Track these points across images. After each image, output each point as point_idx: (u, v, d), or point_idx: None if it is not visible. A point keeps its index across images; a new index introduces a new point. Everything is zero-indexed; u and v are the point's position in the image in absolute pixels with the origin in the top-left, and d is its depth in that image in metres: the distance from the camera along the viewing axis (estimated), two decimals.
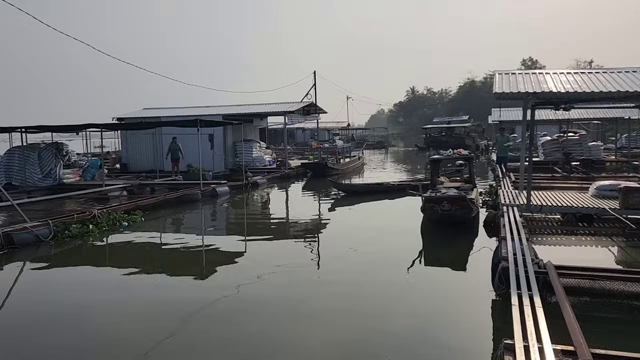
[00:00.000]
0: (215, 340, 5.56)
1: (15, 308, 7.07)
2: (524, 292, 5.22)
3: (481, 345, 5.30)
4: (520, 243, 7.15)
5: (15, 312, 6.86)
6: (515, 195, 11.78)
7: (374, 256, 9.18)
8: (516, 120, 30.64)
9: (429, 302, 6.80)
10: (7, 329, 6.24)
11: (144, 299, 7.08)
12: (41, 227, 10.15)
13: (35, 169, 17.83)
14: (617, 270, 6.43)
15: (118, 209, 12.48)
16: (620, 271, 6.42)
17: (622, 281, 5.96)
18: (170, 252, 10.21)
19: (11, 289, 7.79)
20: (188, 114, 23.94)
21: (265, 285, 7.55)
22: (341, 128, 55.15)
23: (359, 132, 72.05)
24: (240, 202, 16.95)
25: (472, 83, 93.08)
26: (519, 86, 10.48)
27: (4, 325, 6.39)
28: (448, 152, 15.54)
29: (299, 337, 5.64)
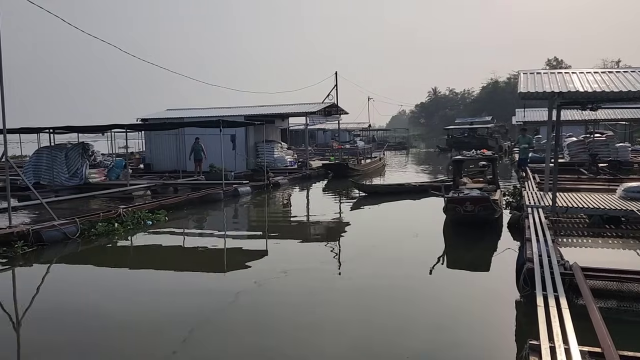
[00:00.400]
0: (235, 341, 5.60)
1: (42, 305, 7.23)
2: (550, 293, 5.14)
3: (505, 346, 5.25)
4: (546, 244, 7.06)
5: (43, 308, 7.01)
6: (540, 196, 11.61)
7: (396, 257, 9.15)
8: (541, 121, 30.20)
9: (452, 303, 6.75)
10: (36, 323, 6.40)
11: (167, 297, 7.17)
12: (69, 225, 10.37)
13: (62, 168, 18.22)
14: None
15: (142, 208, 12.68)
16: None
17: None
18: (192, 251, 10.33)
19: (40, 286, 7.99)
20: (210, 115, 24.19)
21: (286, 285, 7.59)
22: (362, 129, 55.05)
23: (380, 133, 71.83)
24: (262, 202, 17.05)
25: (496, 83, 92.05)
26: (545, 86, 10.31)
27: (32, 320, 6.56)
28: (471, 153, 15.37)
29: (320, 337, 5.65)
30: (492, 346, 5.34)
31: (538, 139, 33.22)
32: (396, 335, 5.60)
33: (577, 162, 21.36)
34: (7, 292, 7.77)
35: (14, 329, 6.29)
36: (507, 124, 50.06)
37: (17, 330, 6.24)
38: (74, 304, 7.01)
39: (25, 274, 8.65)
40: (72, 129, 19.21)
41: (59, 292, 7.71)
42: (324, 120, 31.52)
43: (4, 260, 9.00)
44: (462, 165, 14.27)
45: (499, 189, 13.18)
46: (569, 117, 27.14)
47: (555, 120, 10.56)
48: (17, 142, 31.59)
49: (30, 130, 19.54)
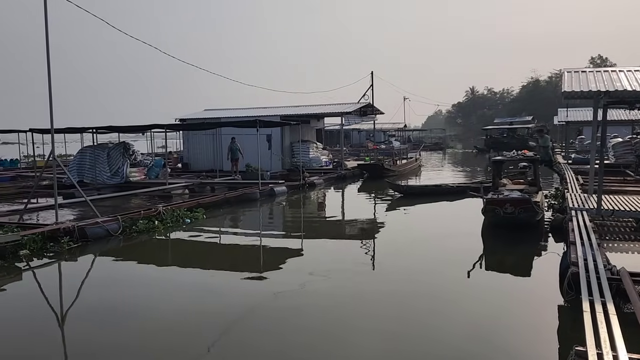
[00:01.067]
0: (269, 339, 5.63)
1: (84, 299, 7.45)
2: (596, 299, 4.97)
3: (547, 352, 5.10)
4: (591, 248, 6.83)
5: (85, 302, 7.23)
6: (584, 198, 11.26)
7: (432, 259, 9.04)
8: (584, 121, 29.27)
9: (491, 307, 6.61)
10: (78, 317, 6.61)
11: (203, 295, 7.27)
12: (111, 222, 10.66)
13: (104, 167, 18.75)
14: None
15: (181, 207, 12.92)
16: None
17: None
18: (229, 249, 10.45)
19: (83, 280, 8.24)
20: (247, 115, 24.47)
21: (321, 285, 7.59)
22: (397, 129, 54.64)
23: (416, 133, 71.12)
24: (297, 202, 17.12)
25: (536, 82, 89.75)
26: (590, 85, 9.97)
27: (75, 314, 6.77)
28: (511, 154, 15.01)
29: (354, 338, 5.61)
30: (534, 352, 5.20)
31: (581, 139, 32.24)
32: (434, 340, 5.52)
33: (622, 163, 20.63)
34: (54, 286, 8.06)
35: (59, 322, 6.51)
36: (549, 124, 48.75)
37: (62, 324, 6.45)
38: (114, 298, 7.20)
39: (70, 268, 8.94)
40: (114, 128, 19.76)
41: (101, 286, 7.93)
42: (359, 121, 31.40)
43: (50, 254, 9.33)
44: (501, 167, 13.96)
45: (541, 191, 12.83)
46: (615, 117, 26.22)
47: (602, 120, 10.20)
48: (62, 142, 32.71)
49: (75, 130, 20.22)
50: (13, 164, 29.53)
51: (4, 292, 7.62)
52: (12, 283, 8.08)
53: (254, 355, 5.20)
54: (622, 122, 28.62)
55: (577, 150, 29.40)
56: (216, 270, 8.73)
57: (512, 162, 15.13)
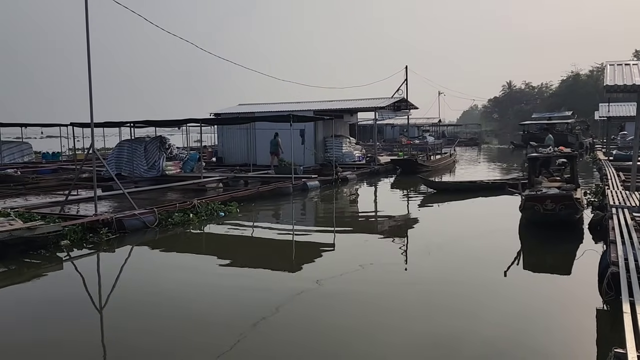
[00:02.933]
0: (299, 334, 5.67)
1: (121, 289, 7.66)
2: (637, 300, 4.82)
3: (585, 354, 4.98)
4: (632, 247, 6.62)
5: (121, 292, 7.44)
6: (626, 196, 10.91)
7: (467, 256, 8.90)
8: (627, 116, 28.26)
9: (529, 306, 6.48)
10: (115, 307, 6.81)
11: (236, 288, 7.37)
12: (148, 214, 10.91)
13: (141, 160, 19.18)
14: None
15: (215, 200, 13.12)
16: None
17: None
18: (262, 242, 10.55)
19: (120, 271, 8.48)
20: (280, 110, 24.58)
21: (352, 281, 7.59)
22: (432, 124, 53.94)
23: (450, 128, 70.05)
24: (330, 197, 17.13)
25: (577, 76, 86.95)
26: (634, 78, 9.61)
27: (112, 304, 6.98)
28: (548, 150, 14.60)
29: (383, 335, 5.59)
30: (571, 354, 5.08)
31: (623, 135, 31.14)
32: (468, 338, 5.44)
33: None
34: (93, 276, 8.33)
35: (97, 310, 6.72)
36: (589, 119, 47.28)
37: (100, 313, 6.65)
38: (150, 289, 7.39)
39: (108, 259, 9.20)
40: (151, 123, 20.16)
41: (137, 277, 8.17)
42: (392, 116, 31.12)
43: (90, 245, 9.62)
44: (538, 164, 13.57)
45: (579, 188, 12.44)
46: None
47: None
48: (102, 136, 33.63)
49: (113, 124, 20.72)
50: (55, 156, 30.52)
51: (46, 280, 7.92)
52: (54, 272, 8.39)
53: (283, 350, 5.24)
54: None
55: (618, 147, 28.37)
56: (249, 264, 8.83)
57: (548, 158, 14.68)
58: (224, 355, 5.05)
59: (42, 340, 5.61)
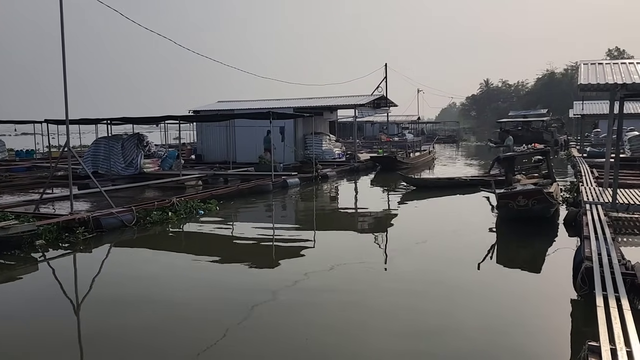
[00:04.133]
0: (281, 333, 5.66)
1: (99, 289, 7.56)
2: (610, 294, 4.94)
3: (559, 347, 5.07)
4: (605, 243, 6.78)
5: (100, 292, 7.33)
6: (599, 192, 11.15)
7: (444, 253, 9.00)
8: (600, 114, 28.86)
9: (503, 301, 6.59)
10: (92, 306, 6.72)
11: (215, 287, 7.33)
12: (125, 213, 10.77)
13: (119, 158, 18.91)
14: None
15: (195, 198, 13.01)
16: None
17: None
18: (242, 241, 10.51)
19: (98, 270, 8.35)
20: (260, 107, 24.50)
21: (331, 279, 7.62)
22: (411, 122, 54.33)
23: (429, 126, 70.62)
24: (310, 194, 17.14)
25: (552, 75, 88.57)
26: (607, 77, 9.84)
27: (90, 303, 6.88)
28: (522, 148, 14.87)
29: (362, 333, 5.62)
30: (545, 347, 5.16)
31: (597, 132, 31.82)
32: (443, 334, 5.51)
33: (638, 157, 20.36)
34: (69, 276, 8.18)
35: (74, 311, 6.61)
36: (564, 117, 48.17)
37: (77, 314, 6.55)
38: (128, 289, 7.29)
39: (85, 258, 9.05)
40: (128, 120, 19.90)
41: (115, 277, 8.03)
42: (372, 113, 31.36)
43: (66, 244, 9.46)
44: (513, 162, 13.77)
45: (555, 182, 12.68)
46: (632, 110, 25.82)
47: (618, 113, 10.06)
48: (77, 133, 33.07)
49: (89, 121, 20.40)
50: (29, 154, 29.91)
51: (21, 281, 7.76)
52: (29, 273, 8.23)
53: (264, 347, 5.24)
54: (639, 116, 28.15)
55: (592, 144, 29.01)
56: (229, 262, 8.79)
57: (522, 156, 14.93)
58: (206, 351, 5.03)
59: (18, 340, 5.50)
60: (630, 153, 21.89)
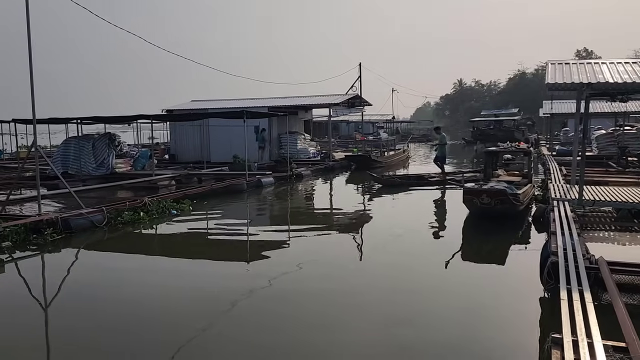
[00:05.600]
0: (255, 329, 5.66)
1: (68, 290, 7.42)
2: (574, 287, 5.07)
3: (527, 340, 5.18)
4: (571, 238, 6.94)
5: (69, 294, 7.20)
6: (567, 189, 11.41)
7: (414, 250, 9.12)
8: (569, 113, 29.55)
9: (471, 296, 6.69)
10: (62, 308, 6.59)
11: (188, 287, 7.26)
12: (96, 213, 10.59)
13: (89, 158, 18.57)
14: None
15: (167, 198, 12.86)
16: None
17: None
18: (215, 241, 10.47)
19: (67, 272, 8.20)
20: (234, 106, 24.34)
21: (306, 277, 7.64)
22: (386, 121, 54.70)
23: (404, 125, 71.20)
24: (284, 193, 17.13)
25: (523, 75, 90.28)
26: (573, 77, 10.08)
27: (59, 305, 6.75)
28: (505, 145, 15.13)
29: (338, 332, 5.66)
30: (513, 340, 5.28)
31: (566, 131, 32.56)
32: (413, 329, 5.58)
33: (605, 155, 20.92)
34: (37, 278, 8.00)
35: (43, 314, 6.48)
36: (534, 116, 49.13)
37: (46, 316, 6.42)
38: (99, 290, 7.17)
39: (53, 260, 8.88)
40: (99, 119, 19.56)
41: (85, 278, 7.91)
42: (347, 112, 31.42)
43: (34, 246, 9.26)
44: (494, 158, 14.00)
45: (531, 183, 12.91)
46: (598, 109, 26.51)
47: (584, 111, 10.33)
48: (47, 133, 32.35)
49: (59, 120, 20.01)
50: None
51: None
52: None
53: (238, 347, 5.23)
54: (606, 115, 28.92)
55: (561, 142, 29.69)
56: (202, 262, 8.73)
57: (505, 153, 15.19)
58: (179, 352, 4.99)
59: None
60: (598, 151, 22.48)
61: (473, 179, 15.74)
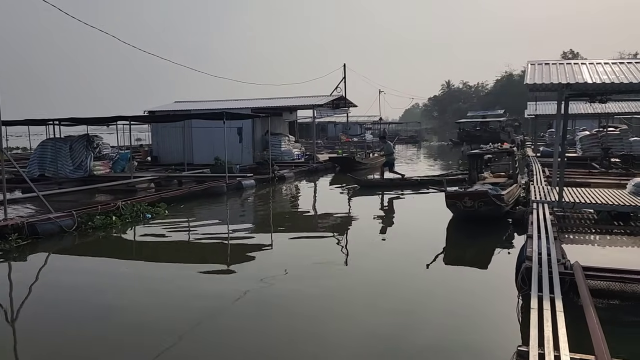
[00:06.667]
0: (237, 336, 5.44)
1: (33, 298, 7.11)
2: (545, 295, 4.88)
3: (499, 351, 4.98)
4: (547, 242, 6.77)
5: (34, 301, 6.90)
6: (548, 191, 11.28)
7: (396, 254, 8.90)
8: (553, 114, 29.56)
9: (447, 302, 6.49)
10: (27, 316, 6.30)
11: (163, 291, 7.02)
12: (65, 218, 10.25)
13: (66, 160, 18.19)
14: None
15: (142, 201, 12.53)
16: None
17: None
18: (193, 244, 10.18)
19: (35, 279, 7.87)
20: (217, 107, 24.02)
21: (291, 280, 7.46)
22: (373, 122, 54.58)
23: (392, 126, 71.15)
24: (266, 196, 16.86)
25: (510, 76, 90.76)
26: (552, 77, 9.95)
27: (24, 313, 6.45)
28: (488, 146, 14.99)
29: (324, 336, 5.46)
30: (483, 351, 5.07)
31: (551, 132, 32.60)
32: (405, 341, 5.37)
33: (589, 156, 20.94)
34: (1, 284, 7.67)
35: (8, 323, 6.17)
36: (520, 117, 49.31)
37: (12, 325, 6.11)
38: (67, 297, 6.90)
39: (19, 267, 8.53)
40: (77, 120, 19.13)
41: (52, 285, 7.61)
42: (331, 113, 31.31)
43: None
44: (479, 160, 13.81)
45: (516, 184, 12.75)
46: (582, 110, 26.57)
47: (564, 112, 10.20)
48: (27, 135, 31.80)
49: (36, 122, 19.57)
50: None
51: None
52: None
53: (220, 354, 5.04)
54: (591, 116, 29.02)
55: (546, 143, 29.73)
56: (177, 267, 8.45)
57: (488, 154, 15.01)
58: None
59: None
60: (582, 152, 22.50)
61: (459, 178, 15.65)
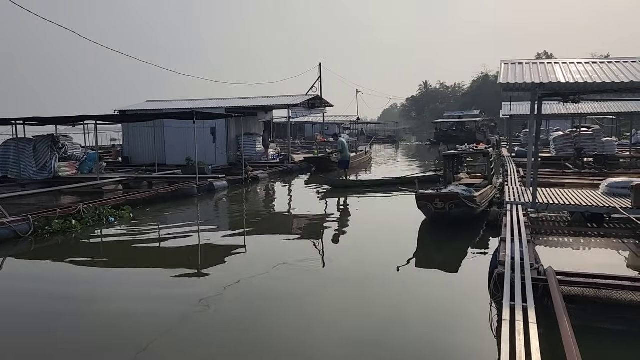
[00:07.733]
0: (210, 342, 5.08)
1: None
2: (518, 305, 4.63)
3: None
4: (521, 245, 6.55)
5: None
6: (522, 192, 11.15)
7: (368, 256, 8.60)
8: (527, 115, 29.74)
9: (418, 311, 6.19)
10: None
11: (128, 297, 6.64)
12: (20, 222, 9.70)
13: (30, 161, 17.47)
14: (625, 278, 5.79)
15: (106, 204, 12.00)
16: (629, 279, 5.78)
17: (631, 290, 5.33)
18: (156, 249, 9.73)
19: None
20: (190, 107, 23.48)
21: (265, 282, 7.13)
22: (350, 122, 54.45)
23: (370, 126, 71.19)
24: (239, 197, 16.44)
25: (486, 77, 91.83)
26: (526, 77, 9.80)
27: None
28: (464, 147, 14.82)
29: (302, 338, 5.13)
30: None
31: (526, 132, 32.82)
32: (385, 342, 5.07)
33: (563, 156, 21.04)
34: None
35: None
36: (496, 117, 49.76)
37: None
38: (22, 307, 6.46)
39: None
40: (42, 120, 18.38)
41: (3, 295, 7.13)
42: (307, 113, 31.02)
43: None
44: (454, 161, 13.61)
45: (491, 185, 12.57)
46: (556, 110, 26.76)
47: (537, 112, 10.05)
48: None
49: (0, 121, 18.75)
50: None
51: None
52: None
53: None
54: (565, 117, 29.25)
55: (521, 144, 29.90)
56: (142, 272, 8.04)
57: (467, 155, 14.85)
58: None
59: None
60: (556, 152, 22.62)
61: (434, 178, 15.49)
